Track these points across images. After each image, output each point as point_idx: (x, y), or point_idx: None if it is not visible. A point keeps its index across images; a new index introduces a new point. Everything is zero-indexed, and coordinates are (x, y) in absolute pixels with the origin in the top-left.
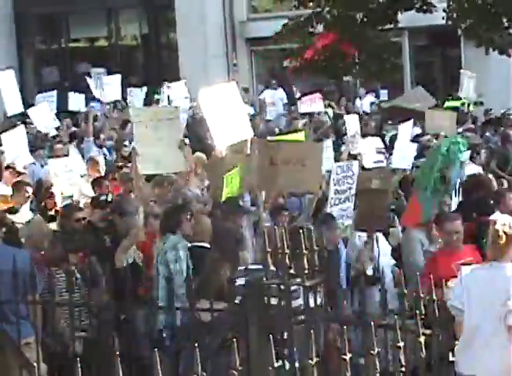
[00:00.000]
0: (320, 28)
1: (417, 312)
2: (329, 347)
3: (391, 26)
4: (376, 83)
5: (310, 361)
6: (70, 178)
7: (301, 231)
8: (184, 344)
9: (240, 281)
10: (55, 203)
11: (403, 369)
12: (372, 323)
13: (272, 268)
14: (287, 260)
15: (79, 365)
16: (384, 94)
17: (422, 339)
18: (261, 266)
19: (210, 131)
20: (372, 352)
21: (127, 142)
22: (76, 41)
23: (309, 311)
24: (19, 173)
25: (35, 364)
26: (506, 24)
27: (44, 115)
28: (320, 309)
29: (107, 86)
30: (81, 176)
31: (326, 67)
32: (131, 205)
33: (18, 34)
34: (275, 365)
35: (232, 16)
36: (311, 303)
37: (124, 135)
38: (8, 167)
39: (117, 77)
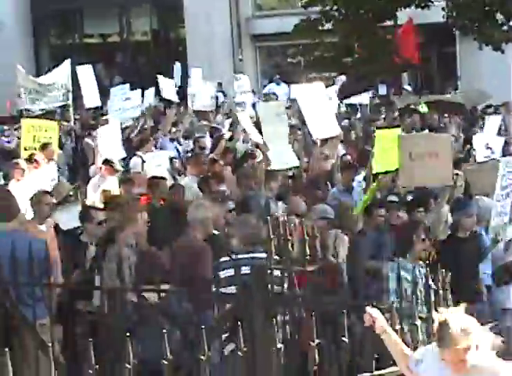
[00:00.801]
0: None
1: None
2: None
3: (392, 23)
4: (376, 78)
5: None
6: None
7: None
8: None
9: (228, 273)
10: None
11: None
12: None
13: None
14: (290, 247)
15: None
16: (382, 89)
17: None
18: (248, 255)
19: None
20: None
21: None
22: (89, 36)
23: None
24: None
25: (50, 344)
26: (500, 21)
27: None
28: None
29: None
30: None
31: (336, 63)
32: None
33: (34, 29)
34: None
35: (238, 13)
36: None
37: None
38: (106, 161)
39: (171, 82)
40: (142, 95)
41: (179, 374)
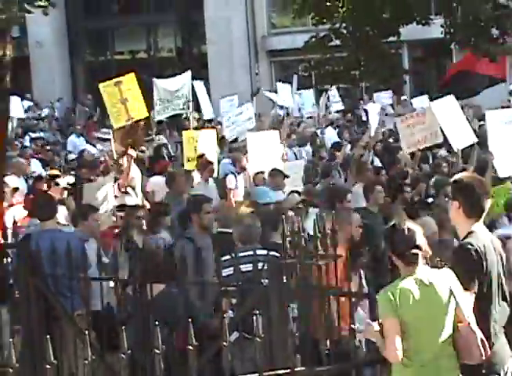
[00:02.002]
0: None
1: None
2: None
3: (394, 39)
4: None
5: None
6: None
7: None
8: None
9: (228, 271)
10: None
11: None
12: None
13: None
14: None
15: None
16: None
17: None
18: (247, 253)
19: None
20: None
21: None
22: (120, 53)
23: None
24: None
25: (86, 332)
26: (495, 36)
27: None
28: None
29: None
30: None
31: (344, 75)
32: None
33: (70, 47)
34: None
35: (254, 31)
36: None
37: None
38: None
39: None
40: None
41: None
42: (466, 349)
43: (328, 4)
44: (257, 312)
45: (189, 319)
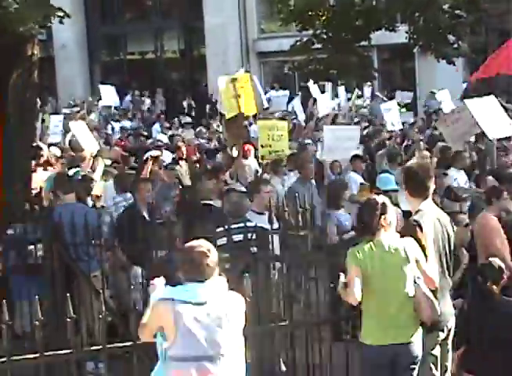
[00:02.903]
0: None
1: None
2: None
3: (366, 43)
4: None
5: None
6: None
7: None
8: None
9: (221, 242)
10: None
11: None
12: None
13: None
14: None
15: None
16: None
17: None
18: (238, 225)
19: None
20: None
21: None
22: (131, 54)
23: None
24: None
25: (101, 291)
26: (452, 41)
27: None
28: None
29: None
30: None
31: (323, 74)
32: None
33: (89, 48)
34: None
35: (246, 36)
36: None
37: None
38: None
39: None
40: None
41: None
42: (421, 308)
43: (310, 13)
44: (247, 275)
45: None
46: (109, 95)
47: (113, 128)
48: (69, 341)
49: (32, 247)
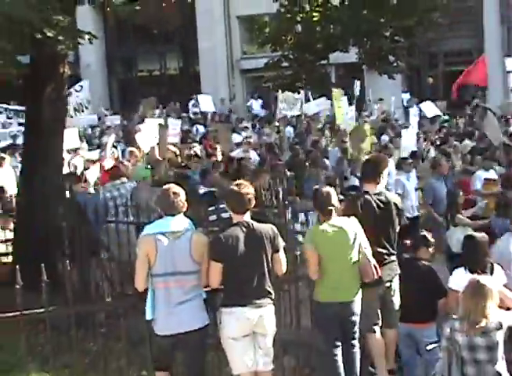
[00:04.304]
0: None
1: None
2: None
3: (325, 62)
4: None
5: None
6: None
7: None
8: None
9: (212, 218)
10: None
11: None
12: None
13: None
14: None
15: None
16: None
17: None
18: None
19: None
20: None
21: None
22: (141, 71)
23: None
24: None
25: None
26: (391, 60)
27: None
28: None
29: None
30: None
31: (291, 86)
32: None
33: (108, 67)
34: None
35: (232, 56)
36: None
37: None
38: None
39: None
40: None
41: None
42: (364, 271)
43: (281, 38)
44: None
45: None
46: (207, 102)
47: (197, 130)
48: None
49: None
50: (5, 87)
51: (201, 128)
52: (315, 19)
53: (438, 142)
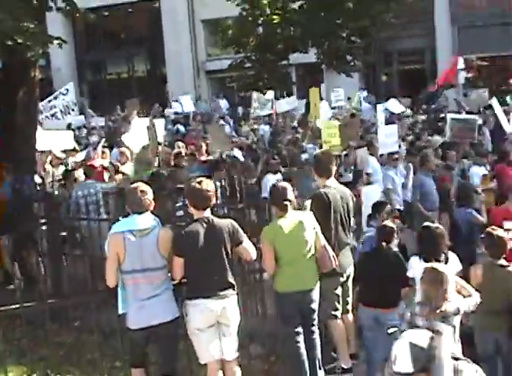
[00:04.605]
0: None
1: None
2: None
3: (285, 62)
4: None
5: None
6: None
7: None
8: None
9: (179, 213)
10: None
11: None
12: None
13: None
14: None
15: None
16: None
17: None
18: None
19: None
20: None
21: None
22: (110, 74)
23: None
24: None
25: None
26: (349, 60)
27: None
28: None
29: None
30: None
31: (253, 86)
32: None
33: (78, 70)
34: None
35: (197, 58)
36: None
37: None
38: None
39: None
40: None
41: None
42: (322, 262)
43: (243, 40)
44: None
45: None
46: (188, 103)
47: (177, 129)
48: None
49: None
50: None
51: (181, 128)
52: (275, 21)
53: (411, 138)
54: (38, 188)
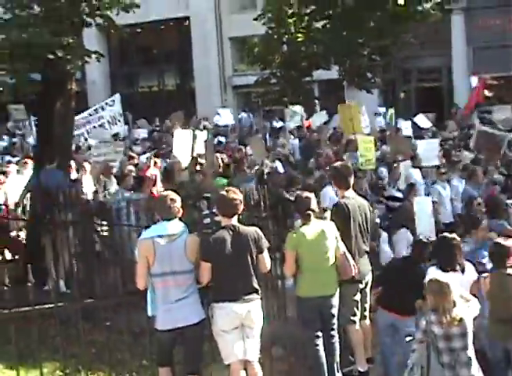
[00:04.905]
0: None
1: None
2: None
3: (309, 78)
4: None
5: None
6: None
7: None
8: None
9: (206, 220)
10: None
11: None
12: None
13: None
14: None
15: None
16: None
17: None
18: None
19: None
20: None
21: None
22: (142, 87)
23: None
24: None
25: None
26: (369, 76)
27: None
28: None
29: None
30: None
31: (278, 102)
32: None
33: (111, 83)
34: None
35: (224, 73)
36: None
37: None
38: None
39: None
40: None
41: None
42: (342, 269)
43: (269, 57)
44: None
45: None
46: (227, 116)
47: (219, 141)
48: None
49: None
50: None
51: (222, 139)
52: (299, 40)
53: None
54: (92, 197)
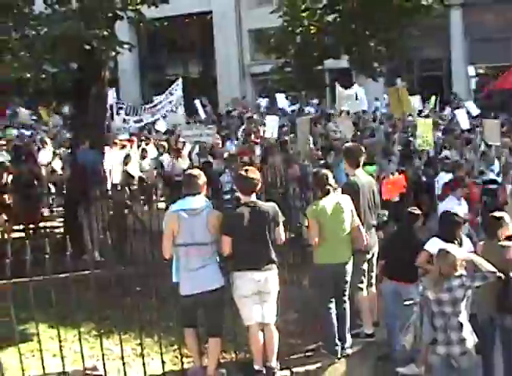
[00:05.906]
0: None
1: None
2: None
3: (321, 67)
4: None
5: None
6: None
7: None
8: None
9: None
10: None
11: None
12: None
13: None
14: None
15: None
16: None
17: None
18: None
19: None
20: None
21: None
22: (169, 75)
23: None
24: None
25: None
26: (376, 65)
27: None
28: None
29: None
30: None
31: (292, 89)
32: None
33: (140, 71)
34: None
35: (243, 62)
36: None
37: None
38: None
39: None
40: None
41: None
42: (356, 239)
43: (284, 48)
44: None
45: None
46: (282, 100)
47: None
48: None
49: None
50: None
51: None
52: (312, 31)
53: None
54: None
